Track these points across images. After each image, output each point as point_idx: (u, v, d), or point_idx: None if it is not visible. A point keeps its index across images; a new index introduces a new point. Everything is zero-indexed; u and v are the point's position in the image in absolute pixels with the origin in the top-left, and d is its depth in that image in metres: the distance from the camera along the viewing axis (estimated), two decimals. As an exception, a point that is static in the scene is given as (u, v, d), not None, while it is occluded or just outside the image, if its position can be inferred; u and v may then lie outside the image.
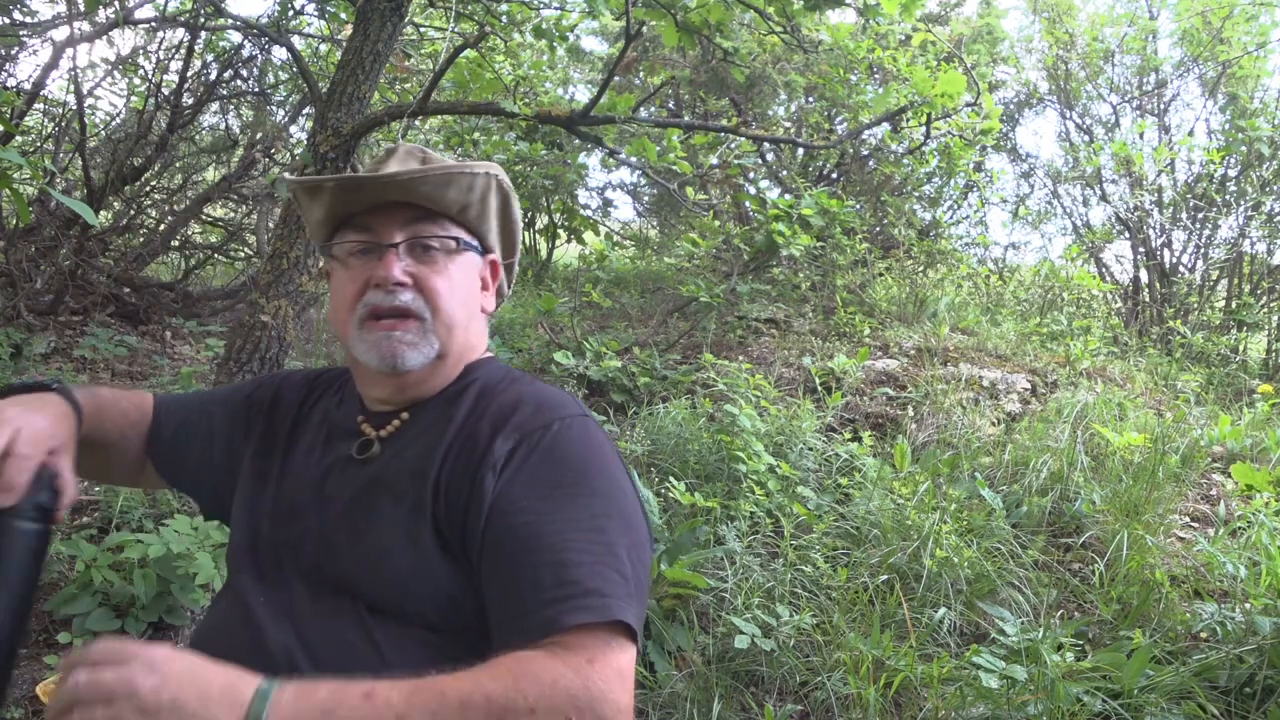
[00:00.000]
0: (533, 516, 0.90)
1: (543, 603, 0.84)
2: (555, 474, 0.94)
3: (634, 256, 7.99)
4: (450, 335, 1.06)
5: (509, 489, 0.93)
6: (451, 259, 1.07)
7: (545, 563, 0.86)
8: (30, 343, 4.64)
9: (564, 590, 0.84)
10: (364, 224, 1.06)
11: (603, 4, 3.13)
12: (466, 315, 1.09)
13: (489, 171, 1.10)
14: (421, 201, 1.06)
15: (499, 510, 0.92)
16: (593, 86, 5.93)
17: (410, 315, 1.03)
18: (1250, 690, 2.03)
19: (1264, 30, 5.78)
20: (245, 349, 2.88)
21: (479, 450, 0.96)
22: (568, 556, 0.87)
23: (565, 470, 0.94)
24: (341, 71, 3.04)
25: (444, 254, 1.07)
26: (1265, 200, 5.75)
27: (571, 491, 0.93)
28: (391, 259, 1.03)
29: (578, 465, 0.95)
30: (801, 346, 4.65)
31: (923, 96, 3.98)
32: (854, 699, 2.08)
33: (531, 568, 0.87)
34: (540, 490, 0.92)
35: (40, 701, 2.05)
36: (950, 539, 2.59)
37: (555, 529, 0.89)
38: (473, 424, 1.01)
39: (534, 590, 0.85)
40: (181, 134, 5.78)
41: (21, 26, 4.15)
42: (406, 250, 1.05)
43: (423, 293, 1.04)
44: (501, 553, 0.90)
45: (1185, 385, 4.49)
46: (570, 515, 0.90)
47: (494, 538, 0.91)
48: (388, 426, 1.07)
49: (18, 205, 1.90)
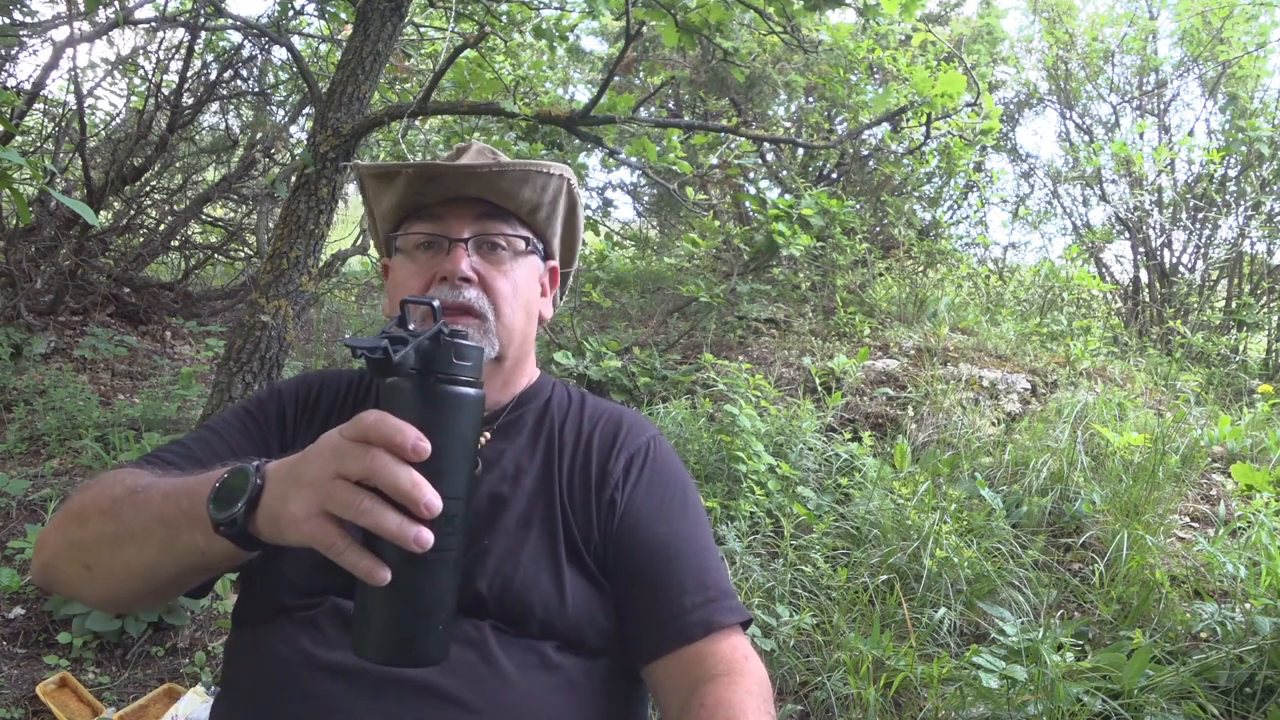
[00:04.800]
0: (662, 529, 0.98)
1: (695, 606, 0.92)
2: (666, 488, 1.02)
3: (634, 256, 7.98)
4: (510, 338, 1.04)
5: (633, 505, 0.99)
6: (517, 260, 1.06)
7: (688, 570, 0.95)
8: (30, 343, 4.64)
9: (709, 594, 0.94)
10: (434, 215, 1.04)
11: (603, 4, 3.13)
12: (526, 319, 1.07)
13: (563, 174, 1.08)
14: (494, 197, 1.04)
15: (630, 526, 0.98)
16: (593, 86, 5.93)
17: (473, 313, 1.00)
18: (1250, 690, 2.03)
19: (1264, 30, 5.77)
20: (245, 349, 2.88)
21: (595, 472, 1.01)
22: (702, 563, 0.97)
23: (672, 484, 1.03)
24: (341, 71, 3.04)
25: (510, 254, 1.05)
26: (1265, 200, 5.75)
27: (681, 503, 1.02)
28: (460, 253, 1.00)
29: (678, 479, 1.05)
30: (801, 346, 4.64)
31: (923, 96, 3.98)
32: (854, 699, 2.08)
33: (677, 575, 0.95)
34: (659, 504, 1.00)
35: (40, 701, 2.05)
36: (950, 539, 2.59)
37: (684, 538, 0.98)
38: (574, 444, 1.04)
39: (683, 595, 0.93)
40: (181, 134, 5.78)
41: (21, 26, 4.15)
42: (474, 246, 1.03)
43: (487, 292, 1.02)
44: (642, 563, 0.96)
45: (1185, 385, 4.49)
46: (689, 525, 1.00)
47: (631, 550, 0.97)
48: None
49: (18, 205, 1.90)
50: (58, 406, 3.85)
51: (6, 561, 2.66)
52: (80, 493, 0.92)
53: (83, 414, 3.77)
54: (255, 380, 2.88)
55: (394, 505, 0.66)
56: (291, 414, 1.07)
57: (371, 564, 0.66)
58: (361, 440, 0.67)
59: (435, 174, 1.02)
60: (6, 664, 2.25)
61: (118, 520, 0.84)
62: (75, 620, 2.33)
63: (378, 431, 0.66)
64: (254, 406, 1.08)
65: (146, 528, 0.81)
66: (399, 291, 1.04)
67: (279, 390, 1.10)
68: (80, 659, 2.28)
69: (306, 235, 2.96)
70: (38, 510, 2.99)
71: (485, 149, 1.11)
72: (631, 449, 1.04)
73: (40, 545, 0.92)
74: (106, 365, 4.76)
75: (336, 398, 1.10)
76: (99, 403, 4.07)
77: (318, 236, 3.00)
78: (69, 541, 0.88)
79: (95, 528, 0.86)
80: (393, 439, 0.66)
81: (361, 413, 0.68)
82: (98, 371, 4.69)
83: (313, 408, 1.08)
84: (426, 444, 0.66)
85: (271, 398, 1.09)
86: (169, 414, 3.84)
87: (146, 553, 0.81)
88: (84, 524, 0.87)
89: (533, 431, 1.05)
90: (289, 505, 0.69)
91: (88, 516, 0.87)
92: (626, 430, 1.06)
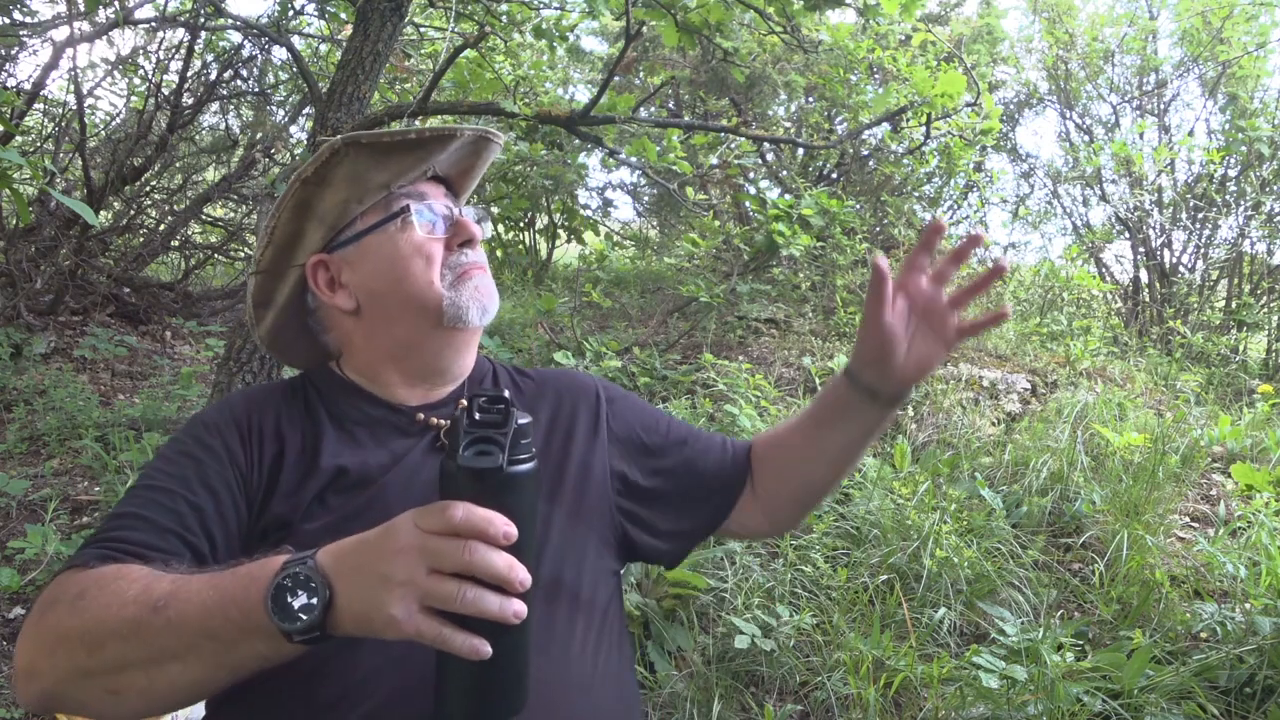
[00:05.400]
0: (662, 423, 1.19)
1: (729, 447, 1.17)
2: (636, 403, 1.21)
3: (634, 256, 7.99)
4: None
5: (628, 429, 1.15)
6: None
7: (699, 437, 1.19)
8: (30, 343, 4.64)
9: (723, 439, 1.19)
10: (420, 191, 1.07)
11: (603, 4, 3.13)
12: None
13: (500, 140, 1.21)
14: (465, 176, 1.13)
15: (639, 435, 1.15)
16: (593, 86, 5.93)
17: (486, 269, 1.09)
18: (1250, 690, 2.03)
19: (1264, 30, 5.77)
20: (245, 349, 2.88)
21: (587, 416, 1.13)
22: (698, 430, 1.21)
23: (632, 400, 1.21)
24: (341, 71, 3.04)
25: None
26: (1265, 200, 5.75)
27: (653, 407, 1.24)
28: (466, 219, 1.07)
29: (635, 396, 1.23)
30: (801, 346, 4.64)
31: (923, 96, 3.98)
32: (854, 699, 2.08)
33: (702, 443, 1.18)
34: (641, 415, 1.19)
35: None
36: (950, 539, 2.59)
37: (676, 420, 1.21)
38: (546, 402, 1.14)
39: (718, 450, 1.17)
40: (181, 134, 5.78)
41: (21, 26, 4.15)
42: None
43: None
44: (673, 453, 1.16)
45: (1185, 385, 4.49)
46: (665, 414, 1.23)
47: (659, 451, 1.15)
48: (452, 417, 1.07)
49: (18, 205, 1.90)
50: (58, 406, 3.85)
51: (6, 561, 2.66)
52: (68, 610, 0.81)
53: (83, 414, 3.77)
54: (255, 380, 2.87)
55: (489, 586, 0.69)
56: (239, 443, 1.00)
57: (476, 642, 0.70)
58: (451, 534, 0.69)
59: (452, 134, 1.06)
60: (6, 664, 2.25)
61: (147, 644, 0.77)
62: (75, 620, 2.33)
63: (469, 525, 0.69)
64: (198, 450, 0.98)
65: (190, 645, 0.76)
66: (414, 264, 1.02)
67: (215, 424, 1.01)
68: (80, 659, 2.28)
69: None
70: (38, 510, 2.99)
71: None
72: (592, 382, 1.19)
73: (29, 672, 0.82)
74: (106, 365, 4.76)
75: (280, 413, 1.04)
76: (99, 403, 4.07)
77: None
78: (78, 670, 0.79)
79: (116, 653, 0.78)
80: (486, 531, 0.69)
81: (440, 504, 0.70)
82: (98, 371, 4.69)
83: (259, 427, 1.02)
84: (514, 529, 0.70)
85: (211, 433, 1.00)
86: (169, 414, 3.84)
87: (194, 670, 0.77)
88: (96, 651, 0.78)
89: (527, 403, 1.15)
90: (387, 609, 0.69)
91: (101, 641, 0.78)
92: (573, 376, 1.20)
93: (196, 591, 0.77)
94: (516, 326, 5.10)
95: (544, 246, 7.67)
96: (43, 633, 0.81)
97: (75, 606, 0.80)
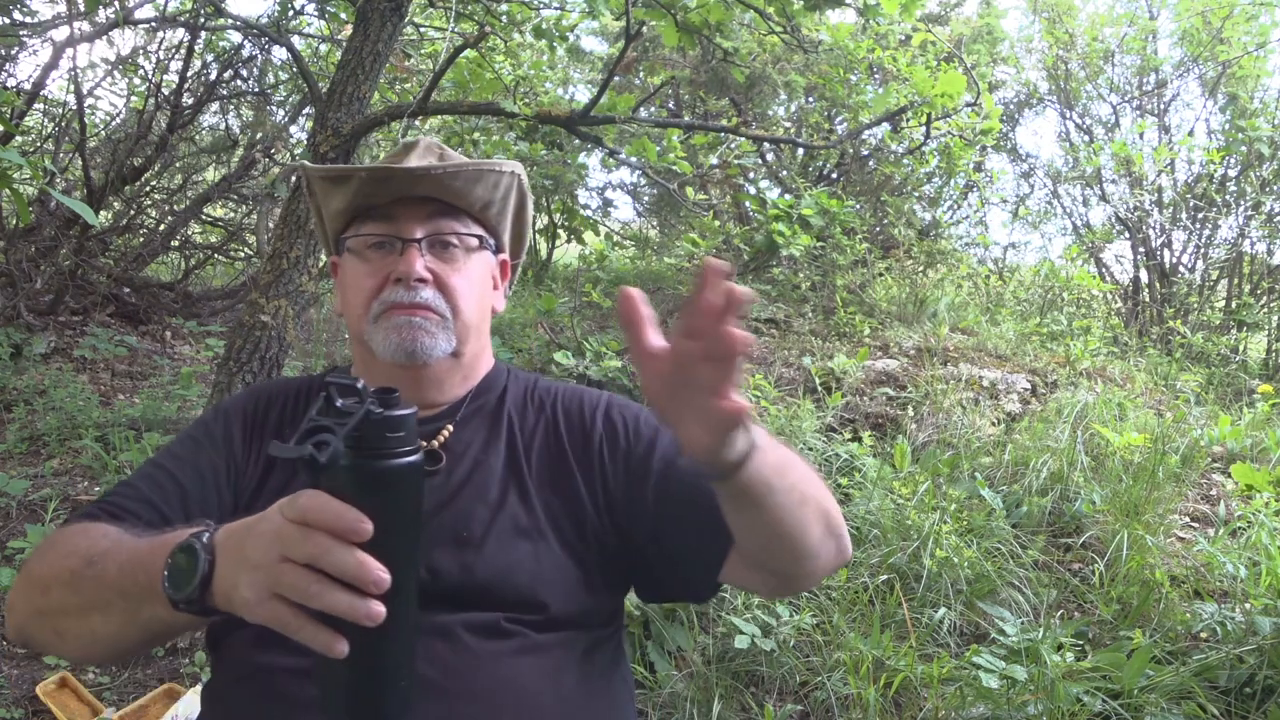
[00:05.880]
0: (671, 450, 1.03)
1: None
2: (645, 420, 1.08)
3: (634, 256, 7.99)
4: (467, 334, 1.06)
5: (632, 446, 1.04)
6: (470, 256, 1.07)
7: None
8: (30, 343, 4.64)
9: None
10: (386, 214, 1.04)
11: (603, 4, 3.13)
12: (480, 315, 1.09)
13: (514, 170, 1.10)
14: (446, 196, 1.05)
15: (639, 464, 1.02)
16: (593, 86, 5.93)
17: (432, 310, 1.02)
18: (1250, 690, 2.03)
19: (1264, 30, 5.77)
20: (245, 349, 2.88)
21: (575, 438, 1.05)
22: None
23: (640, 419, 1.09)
24: (341, 71, 3.04)
25: (464, 251, 1.06)
26: (1265, 200, 5.75)
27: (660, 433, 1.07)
28: (414, 254, 1.01)
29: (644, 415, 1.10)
30: (801, 346, 4.64)
31: (923, 96, 3.98)
32: (854, 699, 2.08)
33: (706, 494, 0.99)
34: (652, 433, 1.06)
35: (40, 701, 2.05)
36: (950, 539, 2.59)
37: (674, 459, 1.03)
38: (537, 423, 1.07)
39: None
40: (181, 134, 5.78)
41: (21, 26, 4.15)
42: (427, 246, 1.03)
43: (443, 291, 1.03)
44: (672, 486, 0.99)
45: (1185, 385, 4.49)
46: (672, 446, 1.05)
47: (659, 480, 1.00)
48: (439, 435, 1.04)
49: (18, 205, 1.90)
50: (58, 406, 3.85)
51: (6, 561, 2.66)
52: (39, 556, 0.92)
53: (83, 414, 3.77)
54: (255, 380, 2.88)
55: (343, 584, 0.65)
56: (240, 433, 1.06)
57: (329, 638, 0.66)
58: (302, 523, 0.66)
59: (388, 175, 1.02)
60: (6, 664, 2.25)
61: (78, 592, 0.84)
62: (75, 620, 2.33)
63: (318, 517, 0.65)
64: (200, 433, 1.06)
65: (108, 600, 0.82)
66: (353, 293, 1.05)
67: (226, 410, 1.09)
68: (80, 659, 2.28)
69: (306, 235, 2.95)
70: (37, 510, 2.99)
71: (432, 145, 1.12)
72: (595, 404, 1.10)
73: (10, 607, 0.94)
74: (106, 365, 4.76)
75: (285, 408, 1.09)
76: (99, 403, 4.07)
77: (318, 237, 3.00)
78: (34, 609, 0.90)
79: (58, 598, 0.86)
80: (334, 525, 0.64)
81: (299, 492, 0.67)
82: (98, 371, 4.69)
83: (262, 422, 1.07)
84: (368, 524, 0.65)
85: (218, 419, 1.07)
86: (169, 414, 3.84)
87: (111, 623, 0.83)
88: (47, 593, 0.88)
89: (492, 417, 1.08)
90: (240, 590, 0.69)
91: (49, 586, 0.88)
92: (583, 395, 1.12)
93: (123, 552, 0.83)
94: (516, 326, 5.10)
95: (544, 246, 7.67)
96: (22, 575, 0.93)
97: (43, 555, 0.92)
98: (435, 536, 0.94)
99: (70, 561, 0.86)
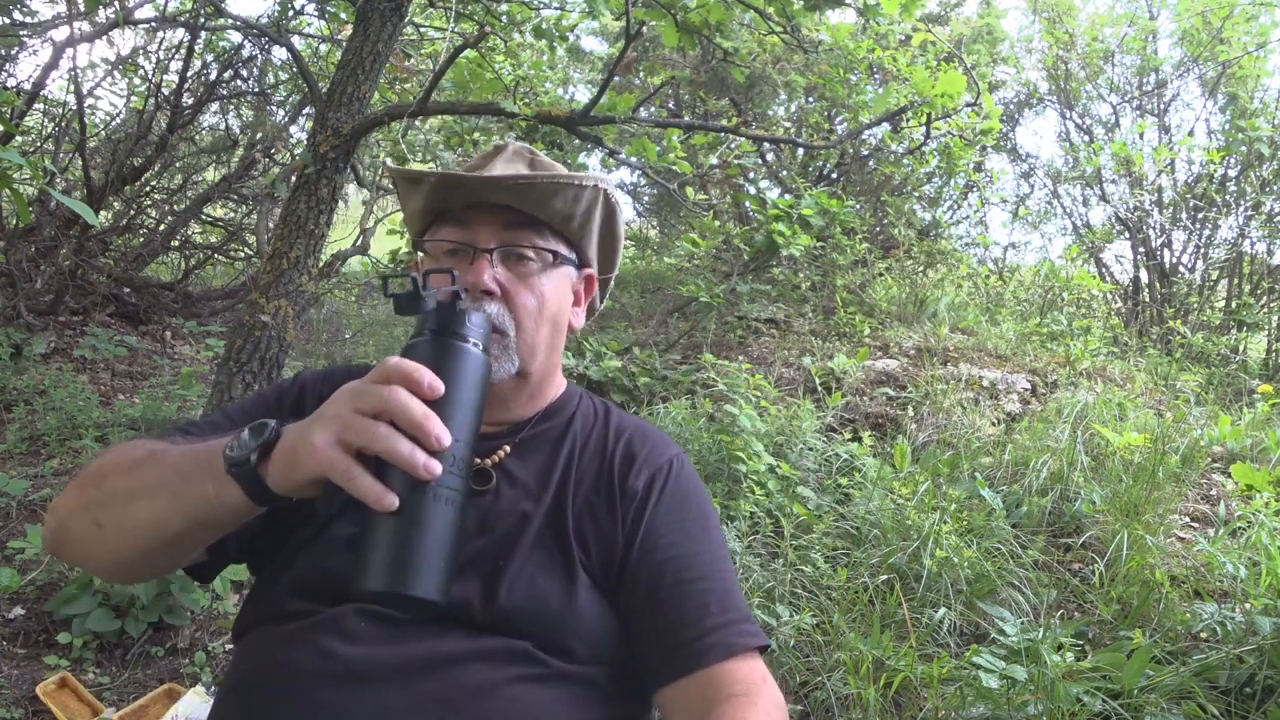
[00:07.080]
0: (684, 548, 0.96)
1: (716, 628, 0.91)
2: (687, 508, 1.01)
3: (634, 256, 7.99)
4: (532, 355, 1.01)
5: (653, 523, 0.97)
6: (545, 272, 1.02)
7: (709, 591, 0.93)
8: (30, 343, 4.64)
9: (729, 616, 0.92)
10: (462, 220, 1.01)
11: (603, 4, 3.13)
12: (552, 333, 1.05)
13: (598, 185, 1.04)
14: (524, 206, 1.00)
15: (650, 544, 0.96)
16: (593, 86, 5.93)
17: (494, 328, 0.96)
18: (1250, 690, 2.03)
19: (1264, 30, 5.77)
20: (245, 349, 2.88)
21: (617, 488, 1.00)
22: (724, 585, 0.95)
23: (692, 505, 1.02)
24: (341, 71, 3.04)
25: (540, 265, 1.02)
26: (1265, 200, 5.75)
27: (702, 524, 1.00)
28: (483, 265, 0.97)
29: (699, 500, 1.03)
30: (801, 346, 4.64)
31: (923, 96, 3.98)
32: (854, 699, 2.08)
33: (698, 596, 0.93)
34: (680, 522, 0.99)
35: (40, 701, 2.05)
36: (950, 539, 2.59)
37: (707, 560, 0.96)
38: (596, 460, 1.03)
39: (704, 617, 0.91)
40: (181, 134, 5.78)
41: (21, 26, 4.15)
42: (500, 257, 1.00)
43: (510, 307, 0.99)
44: (662, 582, 0.94)
45: (1185, 385, 4.49)
46: (710, 546, 0.98)
47: (651, 568, 0.95)
48: (495, 454, 1.01)
49: (18, 205, 1.90)
50: (58, 406, 3.85)
51: (6, 561, 2.66)
52: (99, 457, 0.95)
53: (83, 414, 3.77)
54: (255, 380, 2.88)
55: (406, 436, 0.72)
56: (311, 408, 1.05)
57: (381, 490, 0.72)
58: (382, 380, 0.75)
59: (458, 182, 0.99)
60: (6, 664, 2.25)
61: (134, 477, 0.87)
62: (75, 620, 2.33)
63: (398, 370, 0.74)
64: (272, 396, 1.10)
65: (161, 479, 0.84)
66: None
67: (302, 383, 1.10)
68: (80, 659, 2.28)
69: (306, 235, 2.96)
70: (38, 510, 2.99)
71: (523, 150, 1.08)
72: (653, 466, 1.02)
73: (54, 509, 0.94)
74: (106, 365, 4.76)
75: None
76: (99, 403, 4.07)
77: (318, 236, 3.00)
78: (85, 501, 0.90)
79: (111, 485, 0.89)
80: (410, 375, 0.74)
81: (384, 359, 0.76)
82: (98, 371, 4.69)
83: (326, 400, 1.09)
84: (440, 384, 0.74)
85: (293, 388, 1.10)
86: (169, 414, 3.84)
87: (156, 505, 0.84)
88: (100, 483, 0.90)
89: (553, 448, 1.04)
90: (310, 437, 0.75)
91: (105, 475, 0.90)
92: (649, 448, 1.04)
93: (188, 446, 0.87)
94: (516, 326, 5.09)
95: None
96: (76, 479, 0.94)
97: (105, 453, 0.95)
98: (471, 561, 0.91)
99: (135, 452, 0.91)
